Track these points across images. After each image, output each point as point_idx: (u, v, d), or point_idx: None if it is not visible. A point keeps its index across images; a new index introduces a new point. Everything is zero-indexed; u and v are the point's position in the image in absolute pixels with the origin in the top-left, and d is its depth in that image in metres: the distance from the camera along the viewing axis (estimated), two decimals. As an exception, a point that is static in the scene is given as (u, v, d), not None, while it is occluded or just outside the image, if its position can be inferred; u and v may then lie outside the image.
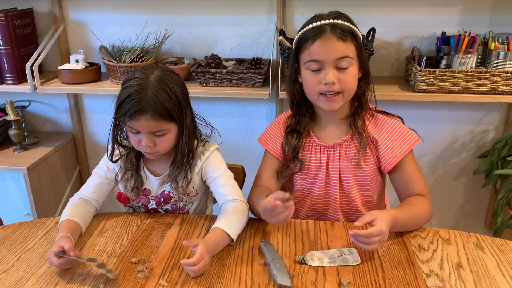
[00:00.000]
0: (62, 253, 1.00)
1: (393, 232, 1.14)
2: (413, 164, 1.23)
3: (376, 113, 1.25)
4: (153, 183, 1.25)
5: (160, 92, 1.08)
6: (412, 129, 1.23)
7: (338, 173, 1.25)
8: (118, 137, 1.19)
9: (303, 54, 1.16)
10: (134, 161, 1.23)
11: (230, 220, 1.11)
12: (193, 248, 0.99)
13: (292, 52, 1.21)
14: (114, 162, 1.22)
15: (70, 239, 1.05)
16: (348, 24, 1.14)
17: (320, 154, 1.26)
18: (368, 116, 1.24)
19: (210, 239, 1.05)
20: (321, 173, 1.27)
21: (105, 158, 1.26)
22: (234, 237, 1.09)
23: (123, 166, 1.23)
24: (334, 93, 1.15)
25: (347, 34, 1.12)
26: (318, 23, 1.14)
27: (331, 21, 1.13)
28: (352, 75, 1.15)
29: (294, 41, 1.20)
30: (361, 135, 1.21)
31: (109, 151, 1.21)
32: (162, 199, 1.26)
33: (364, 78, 1.21)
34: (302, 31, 1.17)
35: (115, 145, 1.20)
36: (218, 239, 1.06)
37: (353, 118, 1.23)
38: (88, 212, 1.21)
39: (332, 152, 1.25)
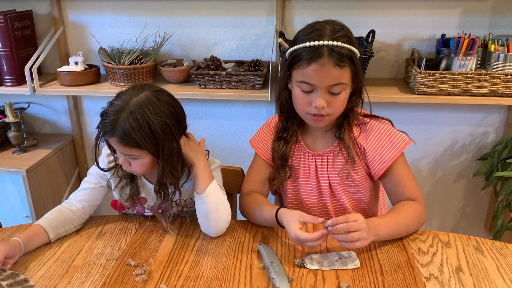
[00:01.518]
0: None
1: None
2: (404, 168, 1.19)
3: (363, 119, 1.21)
4: (151, 192, 1.23)
5: (131, 120, 1.03)
6: (402, 132, 1.20)
7: (328, 181, 1.24)
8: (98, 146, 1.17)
9: (296, 72, 1.11)
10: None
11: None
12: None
13: (286, 62, 1.16)
14: (106, 170, 1.19)
15: (12, 247, 1.04)
16: (348, 46, 1.07)
17: (309, 162, 1.24)
18: (356, 123, 1.21)
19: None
20: (311, 181, 1.25)
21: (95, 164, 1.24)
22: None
23: (116, 174, 1.21)
24: (322, 115, 1.12)
25: (345, 59, 1.07)
26: (317, 43, 1.06)
27: (330, 43, 1.06)
28: (343, 99, 1.12)
29: (289, 51, 1.14)
30: (348, 148, 1.18)
31: (96, 157, 1.18)
32: (160, 211, 1.24)
33: (356, 94, 1.17)
34: (298, 46, 1.09)
35: (106, 154, 1.19)
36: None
37: (338, 129, 1.20)
38: (68, 219, 1.17)
39: (320, 160, 1.23)
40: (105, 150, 1.22)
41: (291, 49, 1.13)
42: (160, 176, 1.11)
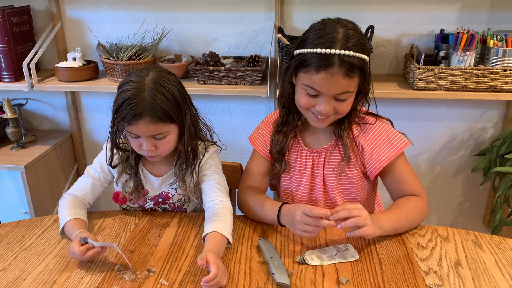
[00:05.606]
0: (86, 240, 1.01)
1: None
2: (404, 165, 1.19)
3: (364, 116, 1.20)
4: (154, 184, 1.23)
5: (157, 94, 1.06)
6: (401, 133, 1.19)
7: (322, 178, 1.23)
8: (118, 141, 1.17)
9: (304, 75, 1.08)
10: (133, 164, 1.21)
11: (226, 223, 1.09)
12: (209, 265, 0.94)
13: (293, 62, 1.11)
14: (114, 167, 1.20)
15: (89, 234, 1.05)
16: (359, 55, 1.04)
17: (305, 158, 1.24)
18: (357, 121, 1.19)
19: (214, 246, 1.01)
20: (306, 177, 1.25)
21: (98, 158, 1.24)
22: (231, 242, 1.07)
23: (122, 170, 1.21)
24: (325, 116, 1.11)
25: (355, 69, 1.04)
26: (328, 51, 1.02)
27: (341, 52, 1.02)
28: (348, 103, 1.11)
29: (297, 52, 1.09)
30: (345, 146, 1.18)
31: (108, 156, 1.19)
32: (160, 199, 1.25)
33: (361, 93, 1.15)
34: (308, 50, 1.05)
35: (115, 150, 1.18)
36: (220, 244, 1.03)
37: (337, 126, 1.19)
38: (85, 209, 1.20)
39: (317, 157, 1.23)
40: (105, 145, 1.22)
41: (300, 51, 1.08)
42: (185, 145, 1.15)
